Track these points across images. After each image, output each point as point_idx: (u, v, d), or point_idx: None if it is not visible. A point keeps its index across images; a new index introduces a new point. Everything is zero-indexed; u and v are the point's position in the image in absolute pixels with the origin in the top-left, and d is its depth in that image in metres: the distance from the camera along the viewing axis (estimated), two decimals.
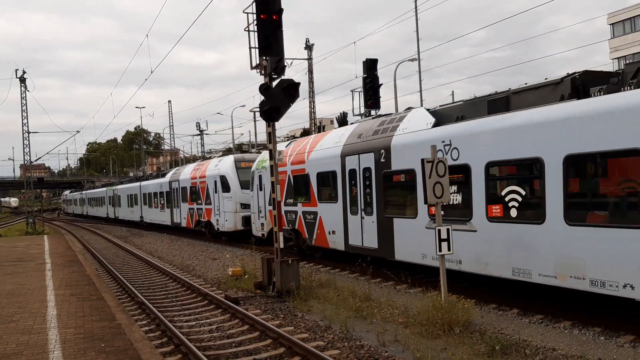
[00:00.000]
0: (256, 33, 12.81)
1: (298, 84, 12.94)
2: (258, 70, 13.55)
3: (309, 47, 44.16)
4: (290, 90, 12.85)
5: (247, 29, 13.81)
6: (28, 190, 49.94)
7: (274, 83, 13.11)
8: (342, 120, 64.42)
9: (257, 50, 13.10)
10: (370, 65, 21.60)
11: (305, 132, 61.85)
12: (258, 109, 14.18)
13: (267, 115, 13.09)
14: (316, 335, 9.84)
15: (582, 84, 9.98)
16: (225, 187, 25.75)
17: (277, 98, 12.87)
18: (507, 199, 10.52)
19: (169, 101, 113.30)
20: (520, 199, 10.31)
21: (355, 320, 10.55)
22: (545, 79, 10.78)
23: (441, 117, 12.95)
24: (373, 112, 20.88)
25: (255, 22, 12.88)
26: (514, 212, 10.40)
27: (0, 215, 51.21)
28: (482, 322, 9.94)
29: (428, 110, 13.53)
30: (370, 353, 8.60)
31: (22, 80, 41.70)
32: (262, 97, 13.08)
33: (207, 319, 11.65)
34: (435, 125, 12.74)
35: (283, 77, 13.02)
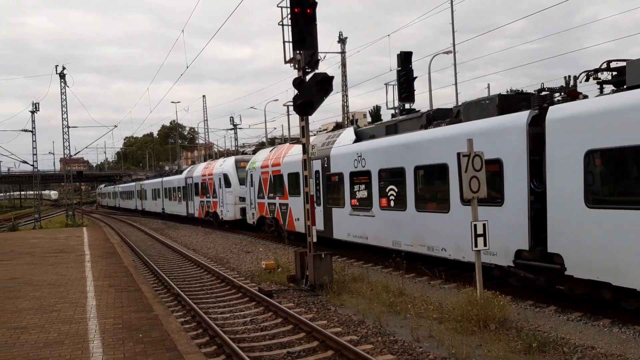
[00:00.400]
0: (290, 27, 12.82)
1: (332, 77, 12.92)
2: (292, 64, 13.57)
3: (342, 41, 44.02)
4: (323, 84, 12.84)
5: (280, 23, 13.83)
6: (67, 184, 51.29)
7: (308, 77, 13.10)
8: (376, 114, 63.92)
9: (290, 44, 13.12)
10: (405, 58, 21.37)
11: (338, 126, 61.66)
12: (291, 103, 14.22)
13: (301, 109, 13.11)
14: (349, 329, 9.84)
15: (433, 117, 14.33)
16: (227, 183, 30.45)
17: (310, 92, 12.87)
18: (388, 194, 15.31)
19: (204, 96, 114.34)
20: (395, 194, 15.03)
21: (388, 315, 10.51)
22: (418, 110, 16.59)
23: (360, 135, 17.67)
24: (407, 106, 20.70)
25: (289, 16, 12.89)
26: (392, 203, 15.18)
27: (41, 207, 52.78)
28: (519, 319, 9.78)
29: (355, 129, 18.22)
30: (404, 348, 8.56)
31: (62, 76, 42.78)
32: (296, 91, 13.09)
33: (241, 312, 11.78)
34: (355, 141, 17.44)
35: (316, 71, 13.00)
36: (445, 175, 12.79)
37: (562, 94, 10.76)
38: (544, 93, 11.12)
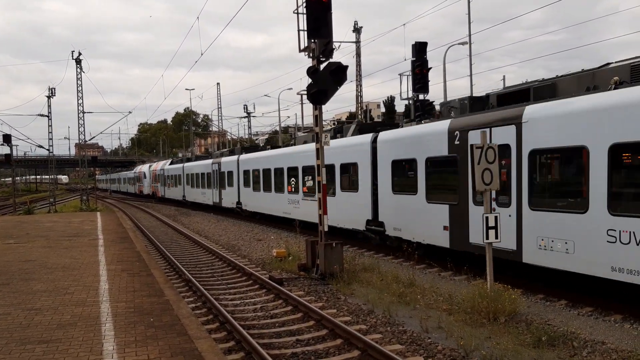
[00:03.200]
0: (305, 15, 12.77)
1: (346, 67, 12.85)
2: (306, 53, 13.52)
3: (357, 30, 43.75)
4: (338, 74, 12.78)
5: (296, 11, 13.77)
6: (82, 169, 51.79)
7: (322, 66, 13.06)
8: (390, 105, 63.61)
9: (305, 32, 13.07)
10: (420, 49, 21.20)
11: (352, 116, 61.59)
12: (305, 92, 14.20)
13: (314, 98, 13.08)
14: (359, 318, 9.88)
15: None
16: (145, 176, 63.40)
17: (324, 81, 12.83)
18: (195, 182, 40.92)
19: (218, 83, 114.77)
20: (200, 182, 39.48)
21: (398, 306, 10.53)
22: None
23: (172, 163, 52.40)
24: (421, 96, 20.61)
25: (304, 4, 12.83)
26: (198, 185, 40.14)
27: (56, 192, 53.60)
28: (529, 313, 9.76)
29: (171, 161, 51.74)
30: (412, 339, 8.58)
31: (78, 61, 43.00)
32: (310, 80, 13.06)
33: (252, 299, 11.86)
34: (169, 165, 52.01)
35: (331, 60, 12.95)
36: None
37: None
38: None
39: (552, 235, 10.29)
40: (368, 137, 17.10)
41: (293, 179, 22.58)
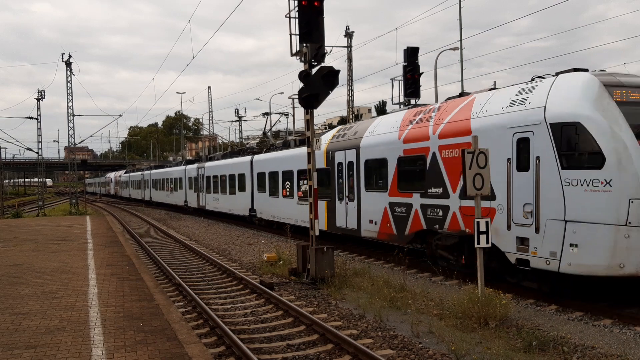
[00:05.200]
0: (297, 19, 12.78)
1: (338, 71, 12.86)
2: (298, 57, 13.52)
3: (349, 35, 43.81)
4: (329, 78, 12.79)
5: (288, 15, 13.78)
6: (72, 172, 51.45)
7: (314, 70, 13.07)
8: (381, 109, 63.81)
9: (297, 37, 13.08)
10: (411, 54, 21.28)
11: (343, 120, 61.76)
12: (297, 96, 14.20)
13: (306, 102, 13.08)
14: (350, 323, 9.86)
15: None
16: (112, 182, 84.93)
17: (316, 85, 12.83)
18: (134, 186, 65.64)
19: (209, 87, 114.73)
20: (138, 185, 63.51)
21: (389, 310, 10.52)
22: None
23: (127, 172, 73.87)
24: (412, 101, 20.70)
25: (296, 9, 12.84)
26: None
27: (45, 195, 53.33)
28: (519, 317, 9.78)
29: (125, 171, 74.66)
30: (404, 343, 8.57)
31: (68, 64, 42.76)
32: (302, 84, 13.07)
33: (242, 303, 11.80)
34: (124, 173, 75.41)
35: (323, 65, 12.96)
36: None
37: None
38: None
39: (210, 201, 34.13)
40: (195, 165, 37.55)
41: (167, 184, 46.07)
